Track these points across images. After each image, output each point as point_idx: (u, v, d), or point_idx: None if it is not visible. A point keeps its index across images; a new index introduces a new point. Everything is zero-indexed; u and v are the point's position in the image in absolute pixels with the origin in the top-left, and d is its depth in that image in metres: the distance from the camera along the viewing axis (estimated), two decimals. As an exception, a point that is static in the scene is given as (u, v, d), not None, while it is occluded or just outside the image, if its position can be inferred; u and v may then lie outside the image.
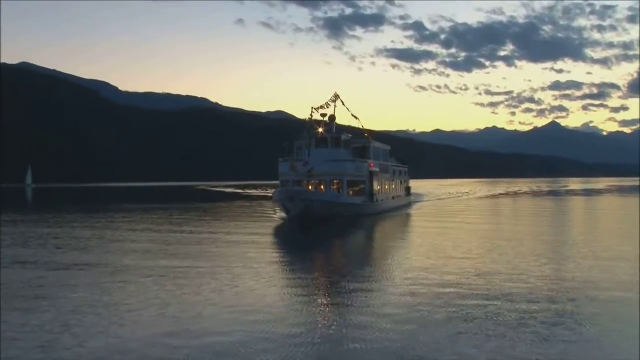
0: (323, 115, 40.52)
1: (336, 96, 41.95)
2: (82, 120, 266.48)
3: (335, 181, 37.76)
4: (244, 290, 12.92)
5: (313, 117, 40.21)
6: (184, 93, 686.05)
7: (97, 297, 12.37)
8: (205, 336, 9.43)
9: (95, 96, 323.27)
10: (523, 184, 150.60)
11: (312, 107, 40.74)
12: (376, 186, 41.48)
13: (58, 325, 10.13)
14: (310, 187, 37.57)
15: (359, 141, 42.39)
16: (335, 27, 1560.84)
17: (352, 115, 44.35)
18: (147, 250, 20.71)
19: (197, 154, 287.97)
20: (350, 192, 38.36)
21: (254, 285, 13.56)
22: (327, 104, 41.03)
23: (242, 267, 16.19)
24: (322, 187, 37.75)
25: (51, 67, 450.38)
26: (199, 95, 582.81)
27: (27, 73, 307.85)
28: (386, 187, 45.73)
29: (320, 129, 39.73)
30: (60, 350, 8.80)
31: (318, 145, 39.01)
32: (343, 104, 42.76)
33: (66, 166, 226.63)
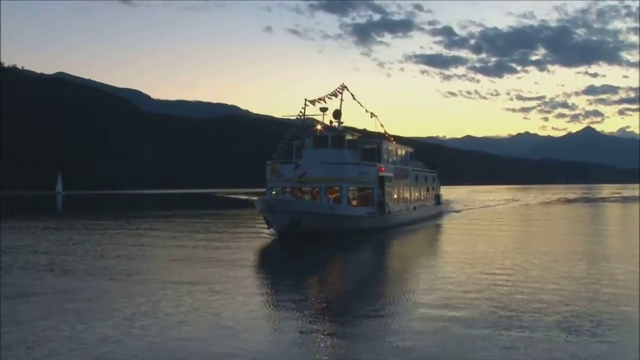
0: (323, 110, 33.74)
1: (343, 88, 35.01)
2: (114, 128, 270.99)
3: (334, 188, 31.51)
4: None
5: (304, 114, 33.65)
6: (214, 101, 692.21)
7: (150, 306, 12.26)
8: (263, 351, 9.20)
9: (127, 105, 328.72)
10: (560, 191, 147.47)
11: (305, 100, 33.36)
12: (393, 194, 35.60)
13: (116, 334, 10.02)
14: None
15: (370, 141, 35.95)
16: (364, 34, 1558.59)
17: (368, 112, 37.57)
18: (190, 259, 20.66)
19: (228, 161, 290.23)
20: (355, 202, 32.24)
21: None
22: (329, 96, 34.19)
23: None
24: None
25: (86, 77, 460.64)
26: (229, 103, 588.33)
27: (63, 83, 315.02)
28: (406, 195, 39.10)
29: (319, 127, 33.11)
30: (119, 362, 8.67)
31: (317, 146, 32.71)
32: (354, 97, 35.76)
33: (98, 174, 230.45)
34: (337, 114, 34.38)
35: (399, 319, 10.92)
